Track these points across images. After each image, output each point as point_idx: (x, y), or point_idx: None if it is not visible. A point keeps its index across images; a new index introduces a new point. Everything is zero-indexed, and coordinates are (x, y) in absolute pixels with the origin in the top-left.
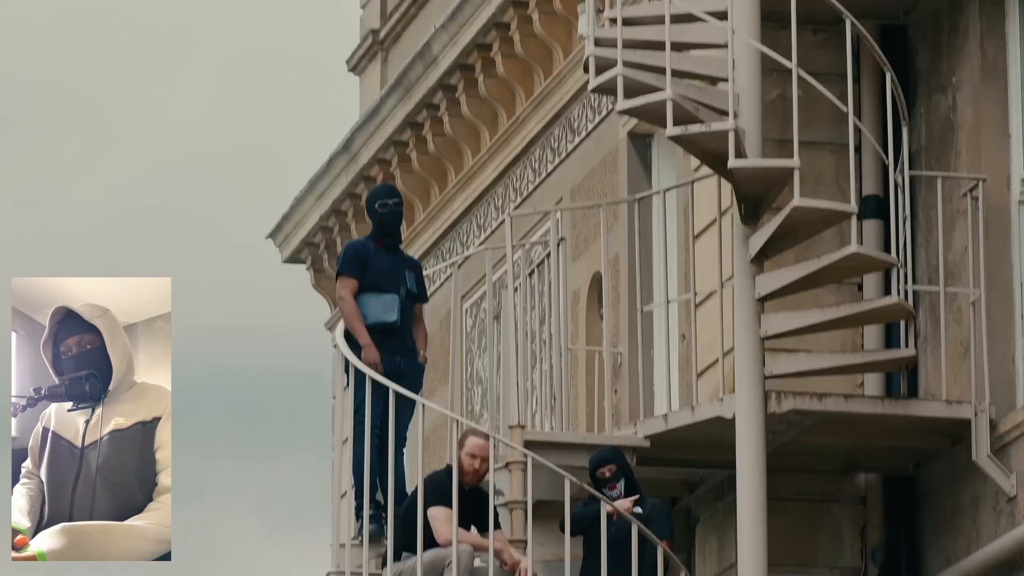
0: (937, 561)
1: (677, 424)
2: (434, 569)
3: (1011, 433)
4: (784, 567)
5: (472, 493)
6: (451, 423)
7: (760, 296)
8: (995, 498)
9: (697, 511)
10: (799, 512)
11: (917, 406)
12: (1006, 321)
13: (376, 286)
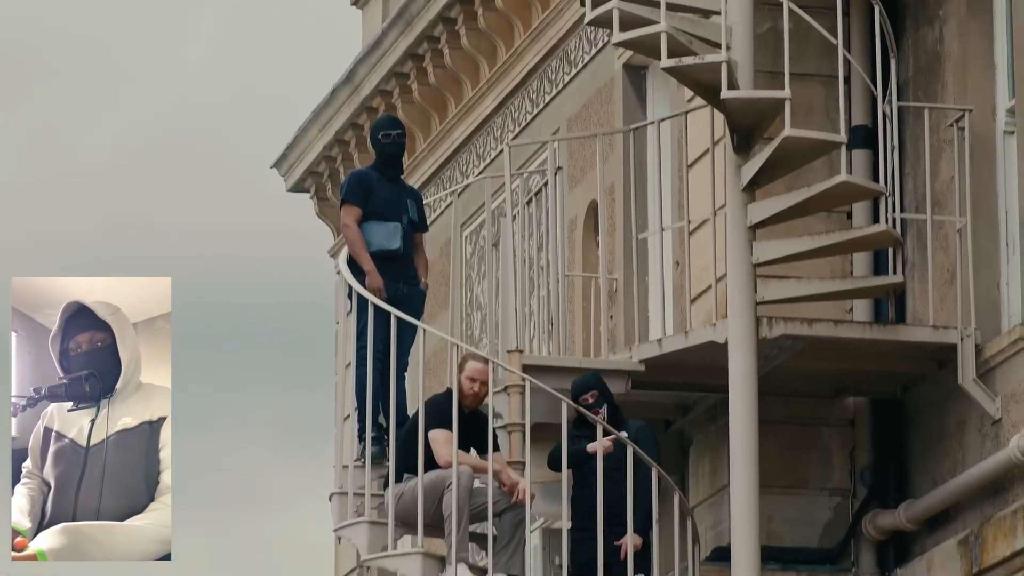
0: (924, 482)
1: (671, 348)
2: (434, 490)
3: (996, 357)
4: (775, 488)
5: (471, 416)
6: (451, 348)
7: (752, 224)
8: (980, 421)
9: (690, 434)
10: (790, 435)
11: (904, 331)
12: (991, 248)
13: (379, 214)
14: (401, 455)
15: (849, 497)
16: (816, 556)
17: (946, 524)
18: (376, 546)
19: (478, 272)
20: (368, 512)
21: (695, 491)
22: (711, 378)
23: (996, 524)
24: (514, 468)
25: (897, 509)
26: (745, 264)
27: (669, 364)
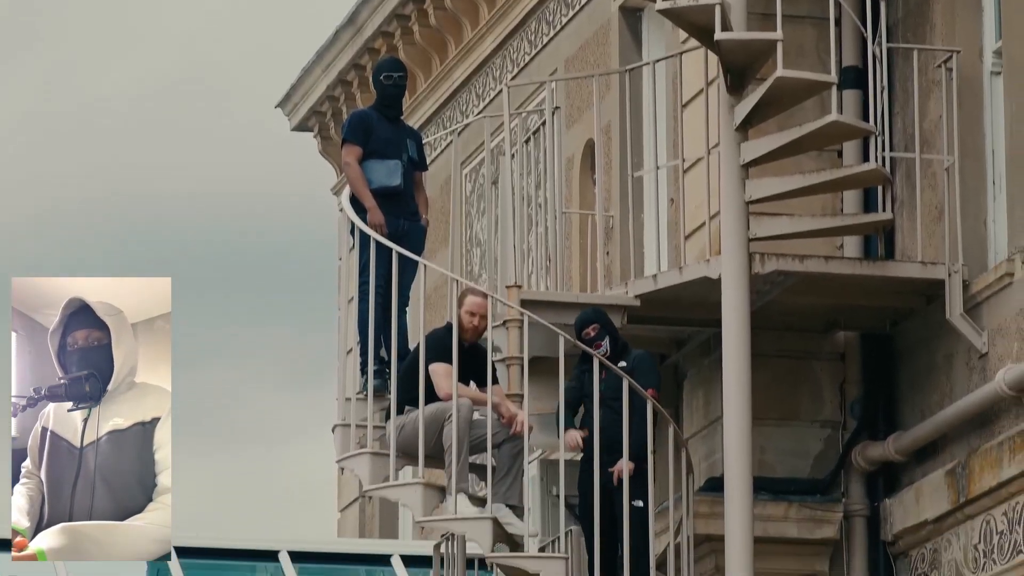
0: (912, 415)
1: (666, 284)
2: (435, 422)
3: (983, 293)
4: (767, 420)
5: (471, 349)
6: (451, 283)
7: (745, 162)
8: (967, 355)
9: (684, 367)
10: (781, 368)
11: (893, 267)
12: (978, 186)
13: (379, 153)
14: (402, 388)
15: (839, 429)
16: (807, 486)
17: (934, 455)
18: (378, 477)
19: (477, 209)
20: (370, 444)
21: (689, 423)
22: (705, 313)
23: (982, 455)
24: (513, 401)
25: (886, 441)
26: (738, 201)
27: (664, 299)
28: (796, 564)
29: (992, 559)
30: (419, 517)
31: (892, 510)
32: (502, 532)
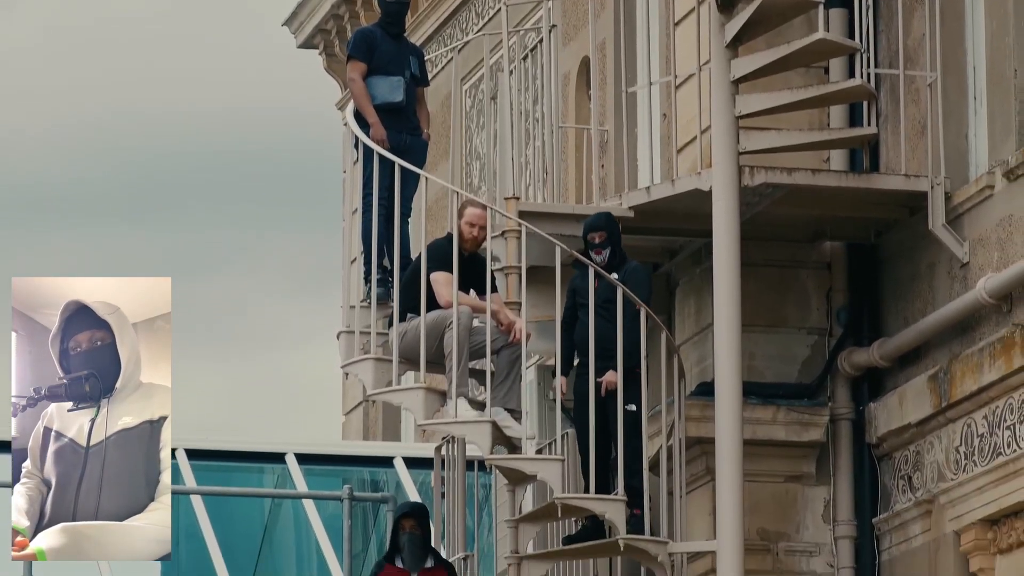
0: (896, 322)
1: (659, 196)
2: (436, 329)
3: (964, 204)
4: (756, 327)
5: (471, 259)
6: (451, 195)
7: (735, 78)
8: (949, 264)
9: (676, 276)
10: (770, 277)
11: (878, 179)
12: (960, 102)
13: (382, 69)
14: (404, 296)
15: (826, 335)
16: (794, 391)
17: (917, 361)
18: (381, 381)
19: (477, 124)
20: (373, 349)
21: (681, 330)
22: (696, 224)
23: (964, 361)
24: (511, 308)
25: (871, 347)
26: (728, 116)
27: (657, 210)
28: (784, 466)
29: (973, 461)
30: (420, 420)
31: (876, 414)
32: (501, 435)
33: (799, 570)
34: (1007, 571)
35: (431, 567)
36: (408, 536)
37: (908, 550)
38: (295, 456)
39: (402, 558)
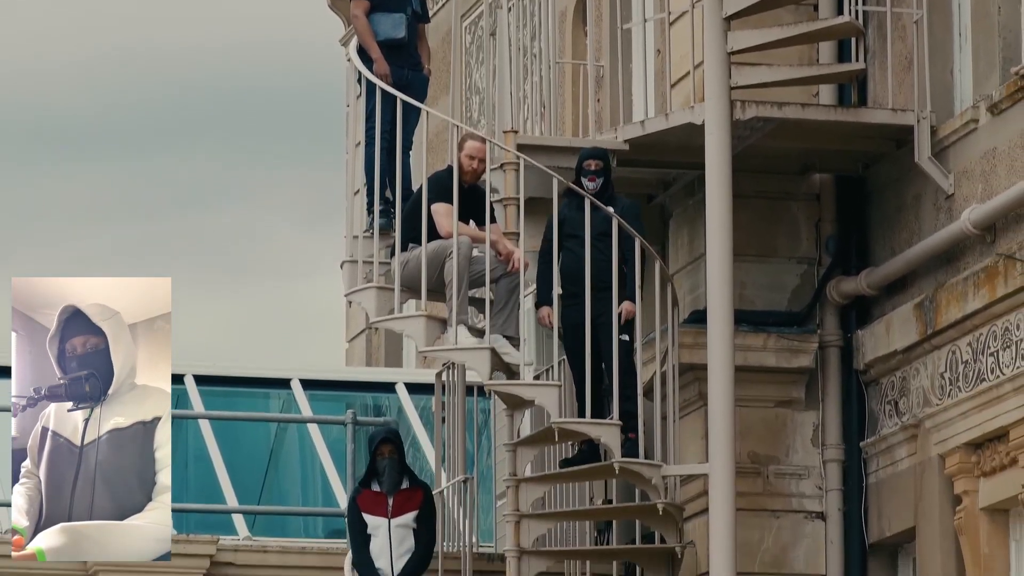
0: (883, 251)
1: (653, 129)
2: (436, 258)
3: (949, 138)
4: (747, 257)
5: (470, 190)
6: (452, 128)
7: (727, 15)
8: (935, 196)
9: (670, 207)
10: (761, 208)
11: (866, 113)
12: (945, 38)
13: (385, 6)
14: (406, 226)
15: (815, 265)
16: (784, 319)
17: (903, 290)
18: (383, 309)
19: (476, 60)
20: (376, 278)
21: (674, 259)
22: (689, 156)
23: (948, 290)
24: (509, 238)
25: (859, 276)
26: (721, 52)
27: (651, 144)
28: (774, 391)
29: (957, 387)
30: (422, 347)
31: (864, 341)
32: (499, 361)
33: (789, 492)
34: (990, 493)
35: (406, 488)
36: (388, 460)
37: (894, 473)
38: (300, 382)
39: (380, 481)
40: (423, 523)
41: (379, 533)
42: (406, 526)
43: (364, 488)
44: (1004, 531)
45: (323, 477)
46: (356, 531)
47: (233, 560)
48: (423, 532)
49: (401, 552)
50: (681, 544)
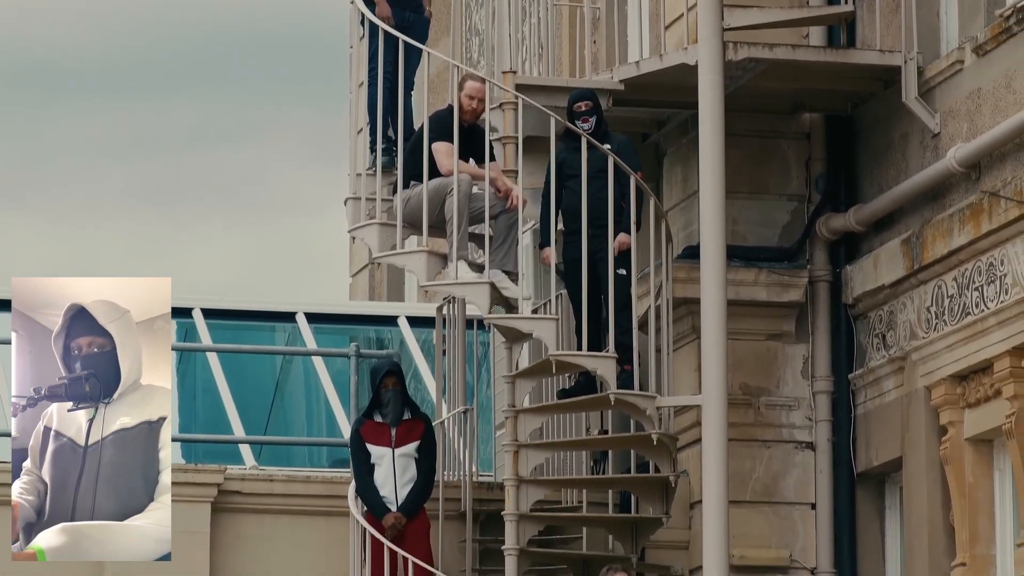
0: (871, 188)
1: (648, 70)
2: (437, 195)
3: (936, 78)
4: (739, 194)
5: (470, 129)
6: (452, 69)
7: None
8: (921, 134)
9: (664, 146)
10: (752, 146)
11: (854, 55)
12: None
13: None
14: (407, 164)
15: (805, 202)
16: (775, 254)
17: (890, 226)
18: (386, 245)
19: (476, 1)
20: (379, 215)
21: (668, 196)
22: (683, 96)
23: (935, 226)
24: (508, 176)
25: (847, 212)
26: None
27: (646, 84)
28: (765, 325)
29: (943, 320)
30: (423, 282)
31: (852, 276)
32: (498, 295)
33: (779, 423)
34: (975, 424)
35: (408, 419)
36: (391, 392)
37: (882, 404)
38: (305, 315)
39: (382, 413)
40: (424, 453)
41: (383, 463)
42: (409, 456)
43: (367, 419)
44: (988, 461)
45: (327, 408)
46: (360, 460)
47: (240, 489)
48: (424, 462)
49: (404, 481)
50: (675, 473)
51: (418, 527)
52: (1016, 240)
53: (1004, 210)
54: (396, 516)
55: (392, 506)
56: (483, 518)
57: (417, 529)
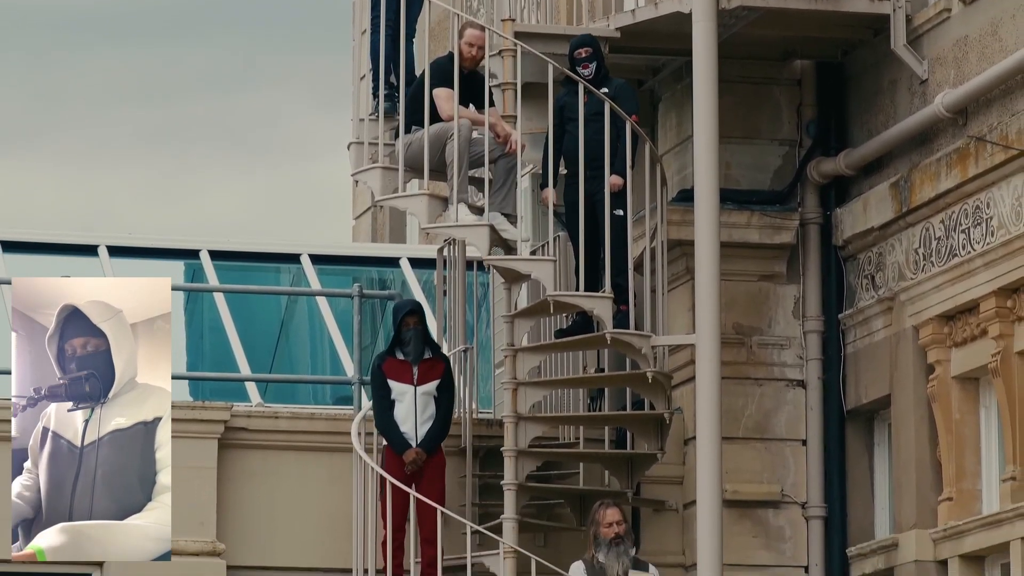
0: (861, 134)
1: (643, 18)
2: (438, 140)
3: (923, 26)
4: (732, 139)
5: (470, 76)
6: (452, 17)
7: None
8: (909, 81)
9: (659, 92)
10: (745, 92)
11: (845, 3)
12: None
13: None
14: (409, 109)
15: (796, 146)
16: (767, 197)
17: (879, 170)
18: (388, 188)
19: None
20: (381, 159)
21: (663, 141)
22: (677, 43)
23: (922, 170)
24: (507, 121)
25: (837, 157)
26: None
27: (641, 31)
28: (757, 266)
29: (930, 261)
30: (424, 224)
31: (842, 218)
32: (498, 237)
33: (771, 362)
34: (961, 362)
35: (429, 357)
36: (413, 331)
37: (871, 343)
38: (309, 257)
39: (404, 351)
40: (444, 392)
41: (404, 399)
42: (429, 394)
43: (389, 356)
44: (974, 398)
45: (331, 347)
46: (380, 396)
47: (246, 425)
48: (444, 401)
49: (425, 418)
50: (669, 410)
51: (436, 464)
52: (1001, 184)
53: (990, 154)
54: (417, 452)
55: (412, 442)
56: (483, 454)
57: (434, 466)
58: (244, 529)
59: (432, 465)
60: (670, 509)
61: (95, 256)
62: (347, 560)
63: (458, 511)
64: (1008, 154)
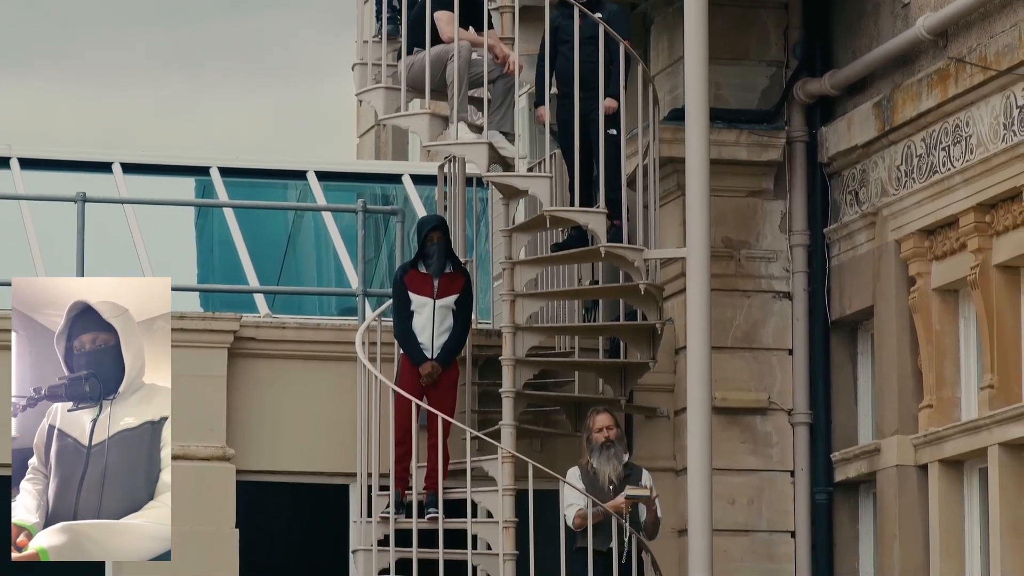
0: (845, 55)
1: None
2: (439, 61)
3: None
4: (722, 60)
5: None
6: None
7: None
8: (892, 4)
9: (651, 15)
10: (734, 15)
11: None
12: None
13: None
14: (411, 32)
15: (783, 67)
16: (755, 116)
17: (863, 90)
18: (391, 108)
19: None
20: (384, 79)
21: (655, 62)
22: None
23: (904, 90)
24: (505, 43)
25: (823, 77)
26: None
27: None
28: (746, 183)
29: (912, 178)
30: (426, 142)
31: (827, 136)
32: (496, 155)
33: (758, 274)
34: (941, 275)
35: (450, 272)
36: (436, 246)
37: (855, 256)
38: (315, 173)
39: (426, 264)
40: (462, 306)
41: (423, 311)
42: (448, 307)
43: (411, 268)
44: (954, 309)
45: (336, 260)
46: (400, 306)
47: (255, 335)
48: (461, 315)
49: (442, 330)
50: (661, 321)
51: (450, 376)
52: (980, 103)
53: (969, 75)
54: (433, 364)
55: (428, 352)
56: (482, 363)
57: (448, 378)
58: (252, 435)
59: (446, 377)
60: (661, 416)
61: (109, 173)
62: (352, 465)
63: (458, 418)
64: (986, 75)
